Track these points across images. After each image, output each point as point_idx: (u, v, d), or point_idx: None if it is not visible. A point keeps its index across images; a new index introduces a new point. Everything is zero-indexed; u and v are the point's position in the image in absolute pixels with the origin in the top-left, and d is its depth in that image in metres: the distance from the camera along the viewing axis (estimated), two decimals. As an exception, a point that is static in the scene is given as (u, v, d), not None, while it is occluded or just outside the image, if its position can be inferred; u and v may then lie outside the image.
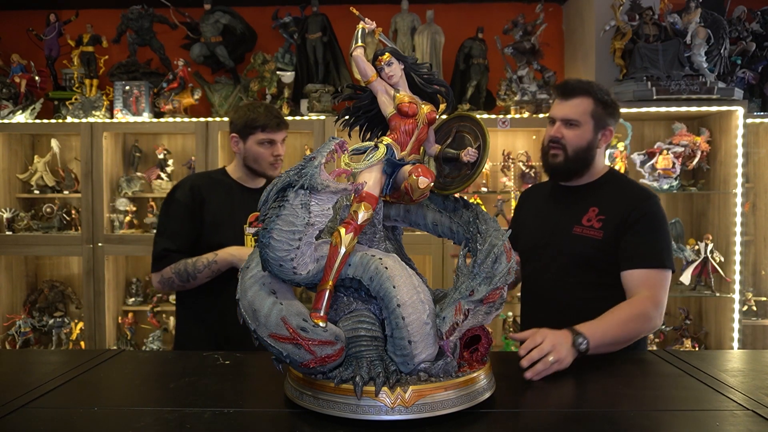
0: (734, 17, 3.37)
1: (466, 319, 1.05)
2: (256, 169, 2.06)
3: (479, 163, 1.15)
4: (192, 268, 1.90)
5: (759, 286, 3.51)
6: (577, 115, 1.72)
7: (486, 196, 3.41)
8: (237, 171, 2.10)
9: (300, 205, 0.97)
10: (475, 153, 1.15)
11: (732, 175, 3.13)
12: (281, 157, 2.07)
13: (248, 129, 2.02)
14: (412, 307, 0.99)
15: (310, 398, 1.03)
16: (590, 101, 1.72)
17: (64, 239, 3.32)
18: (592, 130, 1.72)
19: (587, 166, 1.75)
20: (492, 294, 1.08)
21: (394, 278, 1.00)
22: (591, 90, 1.73)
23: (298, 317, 0.99)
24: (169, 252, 1.94)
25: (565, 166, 1.75)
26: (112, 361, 1.41)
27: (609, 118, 1.75)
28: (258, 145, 2.02)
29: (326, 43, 3.44)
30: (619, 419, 1.03)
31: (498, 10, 3.68)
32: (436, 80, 1.16)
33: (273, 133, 2.02)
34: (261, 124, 2.00)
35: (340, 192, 0.99)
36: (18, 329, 3.38)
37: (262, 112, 2.02)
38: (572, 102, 1.72)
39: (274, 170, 2.06)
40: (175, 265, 1.92)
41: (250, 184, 2.10)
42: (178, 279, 1.92)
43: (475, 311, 1.07)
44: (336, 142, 0.99)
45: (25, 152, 3.62)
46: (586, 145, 1.72)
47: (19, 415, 1.05)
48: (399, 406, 0.97)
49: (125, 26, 3.45)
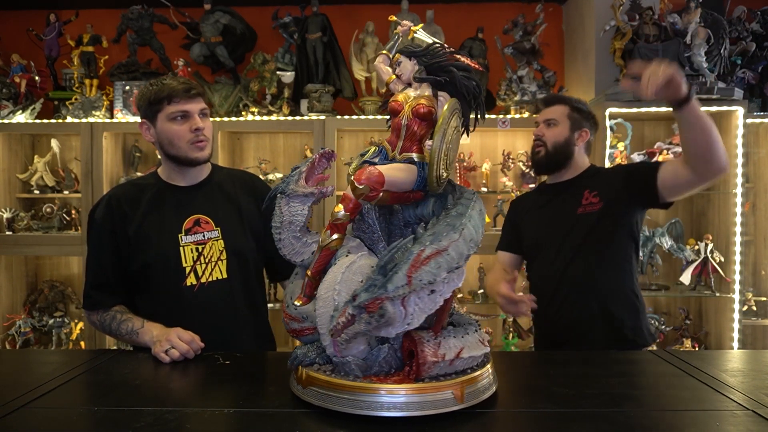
0: (734, 17, 3.37)
1: (351, 325, 0.96)
2: (175, 155, 1.66)
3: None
4: (116, 327, 1.61)
5: (759, 286, 3.51)
6: (555, 115, 2.04)
7: (486, 196, 3.41)
8: (164, 169, 1.74)
9: (279, 206, 1.18)
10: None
11: (732, 175, 3.12)
12: (203, 133, 1.65)
13: (154, 106, 1.64)
14: (323, 301, 1.03)
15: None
16: (566, 107, 2.05)
17: (64, 239, 3.32)
18: (569, 128, 2.02)
19: (567, 159, 2.03)
20: (372, 303, 0.93)
21: (329, 273, 1.07)
22: (567, 100, 2.09)
23: (289, 296, 1.19)
24: (96, 292, 1.66)
25: (546, 159, 2.04)
26: (112, 361, 1.41)
27: (584, 122, 2.05)
28: (169, 121, 1.63)
29: (326, 43, 3.44)
30: (619, 419, 1.03)
31: (498, 10, 3.68)
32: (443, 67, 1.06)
33: (183, 102, 1.62)
34: (166, 95, 1.62)
35: (308, 195, 1.17)
36: (18, 329, 3.39)
37: (166, 82, 1.64)
38: (551, 108, 2.07)
39: (198, 151, 1.65)
40: (101, 315, 1.65)
41: (181, 181, 1.72)
42: (100, 327, 1.67)
43: (360, 318, 0.95)
44: (320, 152, 1.17)
45: (25, 152, 3.62)
46: (563, 141, 2.02)
47: (19, 415, 1.05)
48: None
49: (125, 26, 3.45)
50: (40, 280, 3.66)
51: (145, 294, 1.67)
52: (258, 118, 3.31)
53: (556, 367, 1.37)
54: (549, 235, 1.99)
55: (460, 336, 1.08)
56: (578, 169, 2.05)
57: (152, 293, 1.66)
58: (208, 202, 1.71)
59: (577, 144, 2.03)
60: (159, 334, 1.49)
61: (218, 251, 1.67)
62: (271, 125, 3.32)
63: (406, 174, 1.05)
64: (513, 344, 3.38)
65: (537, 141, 2.06)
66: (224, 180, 1.78)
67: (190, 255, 1.64)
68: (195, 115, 1.65)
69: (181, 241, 1.64)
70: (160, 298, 1.65)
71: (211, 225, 1.68)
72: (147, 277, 1.65)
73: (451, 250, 0.96)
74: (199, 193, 1.72)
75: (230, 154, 3.54)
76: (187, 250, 1.64)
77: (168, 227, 1.65)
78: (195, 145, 1.65)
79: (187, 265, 1.63)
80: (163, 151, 1.69)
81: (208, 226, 1.68)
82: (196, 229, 1.66)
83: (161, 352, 1.41)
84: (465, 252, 0.98)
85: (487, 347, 1.11)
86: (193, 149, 1.65)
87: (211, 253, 1.66)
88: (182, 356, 1.41)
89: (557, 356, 1.53)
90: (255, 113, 3.34)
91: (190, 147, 1.65)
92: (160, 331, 1.51)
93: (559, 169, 2.05)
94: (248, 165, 3.58)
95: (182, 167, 1.70)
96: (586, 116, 2.06)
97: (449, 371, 1.05)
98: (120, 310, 1.64)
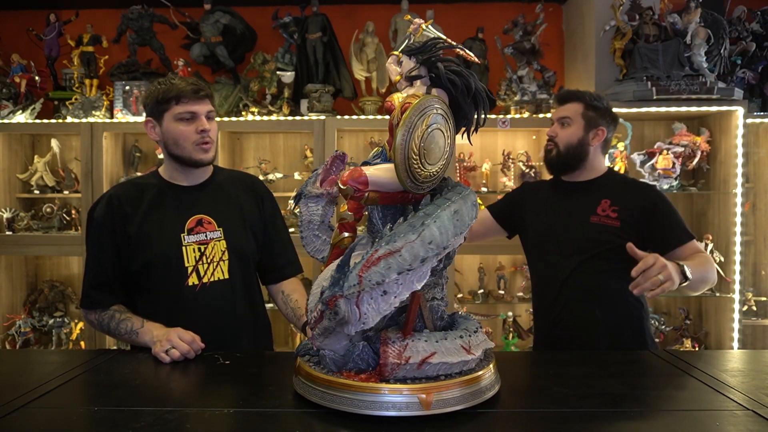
0: (734, 17, 3.37)
1: (321, 320, 0.99)
2: (180, 155, 1.66)
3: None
4: (114, 326, 1.60)
5: (759, 286, 3.51)
6: (568, 113, 1.96)
7: (486, 196, 3.41)
8: (167, 168, 1.74)
9: (299, 207, 1.27)
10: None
11: (732, 175, 3.13)
12: (209, 135, 1.65)
13: (161, 105, 1.64)
14: (312, 296, 1.07)
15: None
16: (581, 105, 1.96)
17: (64, 239, 3.32)
18: (583, 128, 1.94)
19: (581, 160, 1.95)
20: (330, 300, 0.96)
21: (324, 270, 1.11)
22: (582, 96, 1.98)
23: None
24: (95, 291, 1.65)
25: (557, 160, 1.97)
26: (112, 361, 1.41)
27: (600, 120, 1.96)
28: (176, 122, 1.63)
29: (326, 43, 3.44)
30: (619, 419, 1.03)
31: (498, 10, 3.67)
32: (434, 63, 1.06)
33: (192, 103, 1.62)
34: (174, 95, 1.62)
35: (320, 196, 1.24)
36: (18, 329, 3.38)
37: (174, 82, 1.64)
38: (565, 106, 1.99)
39: (203, 153, 1.66)
40: (99, 314, 1.64)
41: (183, 181, 1.72)
42: (98, 327, 1.66)
43: (325, 314, 0.98)
44: (332, 155, 1.23)
45: (25, 152, 3.62)
46: (577, 142, 1.94)
47: (19, 415, 1.05)
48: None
49: (125, 26, 3.44)
50: (40, 280, 3.66)
51: (145, 293, 1.67)
52: (258, 118, 3.31)
53: (556, 367, 1.37)
54: (557, 235, 1.93)
55: (434, 340, 1.04)
56: (594, 170, 1.98)
57: (153, 293, 1.65)
58: (210, 203, 1.71)
59: (591, 144, 1.94)
60: (159, 334, 1.48)
61: (220, 252, 1.67)
62: (271, 125, 3.32)
63: (392, 174, 1.03)
64: (513, 344, 3.38)
65: (549, 141, 1.99)
66: (226, 181, 1.79)
67: (193, 255, 1.64)
68: (202, 117, 1.65)
69: (183, 241, 1.64)
70: (161, 298, 1.64)
71: (213, 225, 1.68)
72: (148, 276, 1.64)
73: (405, 252, 0.94)
74: (201, 193, 1.72)
75: (230, 154, 3.54)
76: (189, 249, 1.64)
77: (170, 227, 1.65)
78: (200, 147, 1.65)
79: (189, 265, 1.63)
80: (167, 151, 1.69)
81: (211, 227, 1.68)
82: (198, 229, 1.66)
83: (162, 352, 1.41)
84: (421, 254, 0.94)
85: (471, 355, 1.06)
86: (197, 150, 1.65)
87: (213, 254, 1.66)
88: (183, 356, 1.41)
89: (557, 356, 1.53)
90: (255, 113, 3.34)
91: (194, 148, 1.65)
92: (160, 331, 1.51)
93: (573, 170, 1.97)
94: (248, 165, 3.58)
95: (185, 168, 1.69)
96: (602, 113, 1.96)
97: (418, 375, 1.02)
98: (119, 310, 1.63)
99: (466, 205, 1.01)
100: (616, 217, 1.84)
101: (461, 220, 0.99)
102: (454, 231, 0.98)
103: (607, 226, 1.85)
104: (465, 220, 1.00)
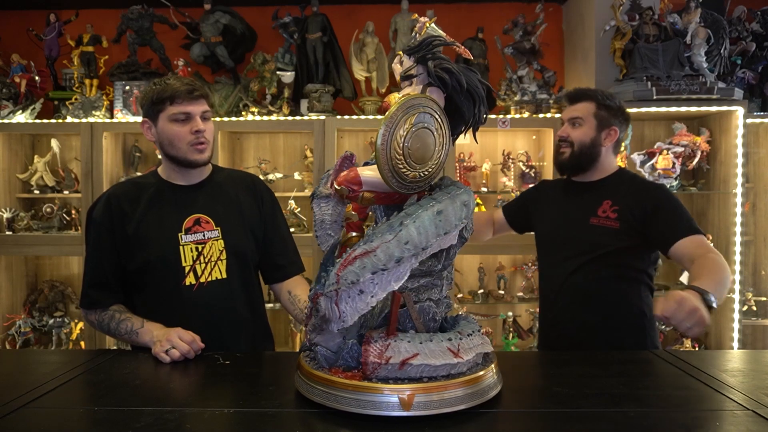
0: (734, 17, 3.37)
1: (311, 318, 1.03)
2: (175, 156, 1.66)
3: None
4: (114, 326, 1.60)
5: (759, 286, 3.51)
6: (580, 113, 1.92)
7: (486, 196, 3.41)
8: (165, 168, 1.73)
9: (313, 207, 1.25)
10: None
11: (732, 175, 3.13)
12: (204, 135, 1.65)
13: (156, 106, 1.63)
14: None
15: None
16: (593, 104, 1.92)
17: (64, 239, 3.32)
18: (595, 128, 1.90)
19: (593, 161, 1.92)
20: (313, 297, 0.99)
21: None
22: (594, 95, 1.94)
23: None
24: (95, 291, 1.65)
25: (571, 161, 1.93)
26: (112, 361, 1.41)
27: (613, 119, 1.92)
28: (171, 122, 1.63)
29: (326, 43, 3.44)
30: (619, 419, 1.03)
31: (498, 10, 3.68)
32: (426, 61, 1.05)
33: (186, 103, 1.62)
34: (168, 95, 1.61)
35: (328, 196, 1.21)
36: (18, 329, 3.38)
37: (169, 82, 1.64)
38: (577, 105, 1.94)
39: (198, 153, 1.65)
40: (99, 314, 1.64)
41: (181, 181, 1.71)
42: (98, 326, 1.66)
43: (313, 311, 1.01)
44: (342, 156, 1.19)
45: (25, 152, 3.62)
46: (590, 142, 1.90)
47: (19, 415, 1.05)
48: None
49: (125, 26, 3.44)
50: (40, 280, 3.66)
51: (143, 293, 1.67)
52: (258, 118, 3.31)
53: (557, 367, 1.37)
54: (559, 236, 1.93)
55: (418, 342, 1.02)
56: (604, 170, 1.94)
57: (151, 292, 1.65)
58: (208, 202, 1.71)
59: (604, 144, 1.90)
60: (159, 334, 1.48)
61: (218, 251, 1.67)
62: (271, 125, 3.32)
63: None
64: (513, 344, 3.38)
65: (562, 142, 1.94)
66: (225, 180, 1.78)
67: (190, 254, 1.64)
68: (196, 117, 1.64)
69: (180, 240, 1.64)
70: (159, 297, 1.64)
71: (211, 225, 1.68)
72: (146, 275, 1.64)
73: (380, 252, 0.93)
74: (199, 192, 1.72)
75: (230, 154, 3.54)
76: (187, 249, 1.64)
77: (168, 226, 1.65)
78: (195, 147, 1.64)
79: (187, 265, 1.63)
80: (163, 151, 1.69)
81: (209, 226, 1.68)
82: (196, 229, 1.66)
83: (162, 352, 1.41)
84: (396, 254, 0.93)
85: (459, 358, 1.04)
86: (192, 151, 1.65)
87: (210, 253, 1.66)
88: (183, 356, 1.41)
89: (558, 356, 1.53)
90: (255, 113, 3.34)
91: (189, 149, 1.64)
92: (160, 331, 1.50)
93: (584, 171, 1.93)
94: (248, 165, 3.58)
95: (182, 168, 1.69)
96: (615, 113, 1.92)
97: (401, 375, 1.01)
98: (118, 310, 1.63)
99: (454, 205, 0.98)
100: (616, 217, 1.82)
101: (446, 221, 0.97)
102: (435, 231, 0.95)
103: (606, 227, 1.82)
104: (451, 221, 0.97)
